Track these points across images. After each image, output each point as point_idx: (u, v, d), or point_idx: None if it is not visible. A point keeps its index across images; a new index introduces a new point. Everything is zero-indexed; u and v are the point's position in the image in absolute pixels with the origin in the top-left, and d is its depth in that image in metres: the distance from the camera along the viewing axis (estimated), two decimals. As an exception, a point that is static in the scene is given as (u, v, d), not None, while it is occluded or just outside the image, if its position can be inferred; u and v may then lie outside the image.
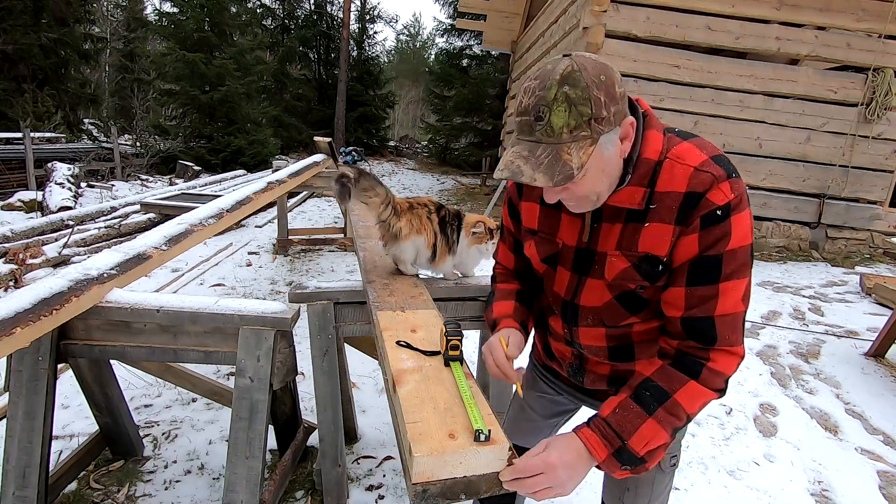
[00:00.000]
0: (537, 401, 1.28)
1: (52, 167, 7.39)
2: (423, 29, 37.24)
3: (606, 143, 0.81)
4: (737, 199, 0.83)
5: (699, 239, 0.84)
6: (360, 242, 2.04)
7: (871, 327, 3.93)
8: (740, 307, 0.86)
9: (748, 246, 0.85)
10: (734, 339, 0.86)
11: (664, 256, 0.87)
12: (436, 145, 18.79)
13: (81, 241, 5.05)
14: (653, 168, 0.87)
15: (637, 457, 0.84)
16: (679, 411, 0.84)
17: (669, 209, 0.85)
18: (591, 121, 0.78)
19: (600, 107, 0.77)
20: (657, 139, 0.88)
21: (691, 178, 0.84)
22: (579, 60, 0.79)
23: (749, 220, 0.84)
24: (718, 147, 0.90)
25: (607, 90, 0.78)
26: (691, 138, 0.90)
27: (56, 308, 1.34)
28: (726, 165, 0.85)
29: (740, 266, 0.84)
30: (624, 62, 6.00)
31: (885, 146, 6.33)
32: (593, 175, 0.83)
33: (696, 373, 0.85)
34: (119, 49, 19.22)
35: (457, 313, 1.87)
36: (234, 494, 1.55)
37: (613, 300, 0.95)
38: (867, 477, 2.26)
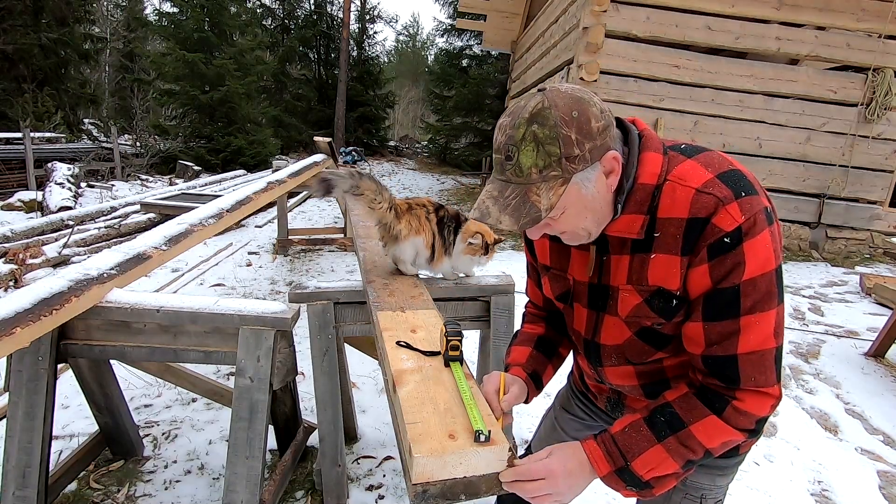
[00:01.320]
0: (569, 423, 1.21)
1: (52, 167, 7.39)
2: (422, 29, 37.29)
3: (583, 181, 0.77)
4: (749, 222, 0.72)
5: (710, 270, 0.75)
6: (360, 242, 2.04)
7: (871, 327, 3.93)
8: (770, 343, 0.76)
9: (771, 272, 0.74)
10: (763, 379, 0.76)
11: (677, 290, 0.79)
12: (436, 145, 18.79)
13: (81, 241, 5.05)
14: (651, 193, 0.79)
15: (641, 480, 0.79)
16: (693, 444, 0.78)
17: (674, 238, 0.78)
18: (562, 160, 0.74)
19: (571, 145, 0.73)
20: (655, 161, 0.80)
21: (693, 201, 0.75)
22: (551, 96, 0.74)
23: (769, 242, 0.74)
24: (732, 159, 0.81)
25: (580, 127, 0.74)
26: (698, 154, 0.81)
27: (56, 308, 1.34)
28: (736, 183, 0.75)
29: (764, 297, 0.74)
30: (624, 62, 6.00)
31: (885, 146, 6.33)
32: (574, 213, 0.79)
33: (720, 409, 0.77)
34: (119, 49, 19.22)
35: (457, 313, 1.87)
36: (234, 494, 1.55)
37: (634, 337, 0.88)
38: (867, 477, 2.26)
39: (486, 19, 11.25)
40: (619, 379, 0.97)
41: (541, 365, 1.06)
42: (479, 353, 2.14)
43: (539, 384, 1.05)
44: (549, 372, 1.08)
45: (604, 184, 0.79)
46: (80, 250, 4.87)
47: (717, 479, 0.96)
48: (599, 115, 0.75)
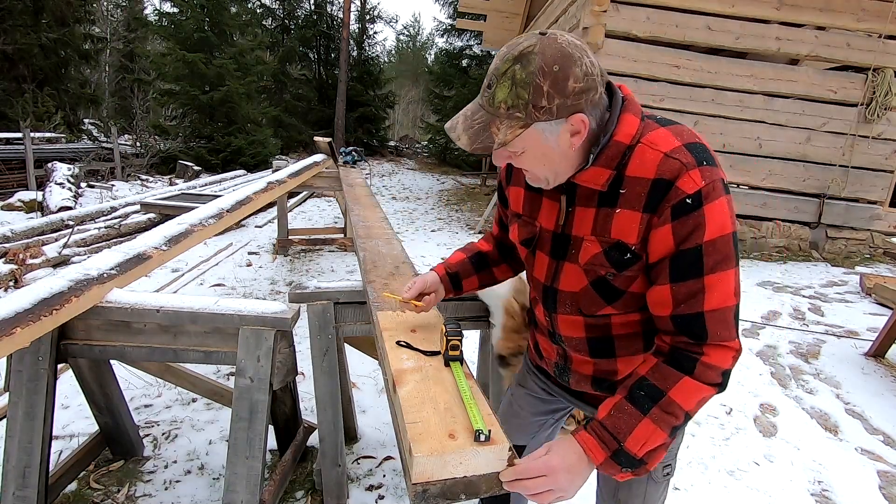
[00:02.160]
0: (525, 398, 1.30)
1: (52, 167, 7.40)
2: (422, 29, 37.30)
3: (545, 131, 0.81)
4: (709, 187, 0.79)
5: (672, 230, 0.81)
6: (360, 242, 2.04)
7: (871, 327, 3.93)
8: (731, 301, 0.82)
9: (729, 235, 0.81)
10: (727, 334, 0.83)
11: (633, 245, 0.85)
12: (436, 145, 18.79)
13: (81, 241, 5.05)
14: (623, 151, 0.85)
15: (636, 458, 0.82)
16: (675, 409, 0.82)
17: (638, 195, 0.83)
18: (528, 105, 0.78)
19: (540, 96, 0.77)
20: (632, 124, 0.85)
21: (660, 164, 0.81)
22: (544, 43, 0.77)
23: (726, 208, 0.81)
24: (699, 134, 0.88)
25: (555, 82, 0.77)
26: (670, 125, 0.87)
27: (56, 308, 1.34)
28: (699, 153, 0.82)
29: (724, 257, 0.81)
30: (624, 62, 6.00)
31: (885, 146, 6.33)
32: (532, 156, 0.85)
33: (690, 368, 0.83)
34: (119, 49, 19.21)
35: (457, 313, 1.87)
36: (234, 494, 1.55)
37: (589, 286, 0.94)
38: (867, 477, 2.26)
39: (486, 19, 11.25)
40: (569, 329, 1.03)
41: (466, 272, 1.22)
42: (479, 353, 2.14)
43: (458, 286, 1.21)
44: (471, 281, 1.23)
45: (567, 141, 0.83)
46: (80, 250, 4.87)
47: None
48: (581, 77, 0.78)
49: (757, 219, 6.59)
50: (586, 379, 1.08)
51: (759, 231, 6.60)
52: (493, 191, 10.09)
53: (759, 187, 6.47)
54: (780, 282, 5.31)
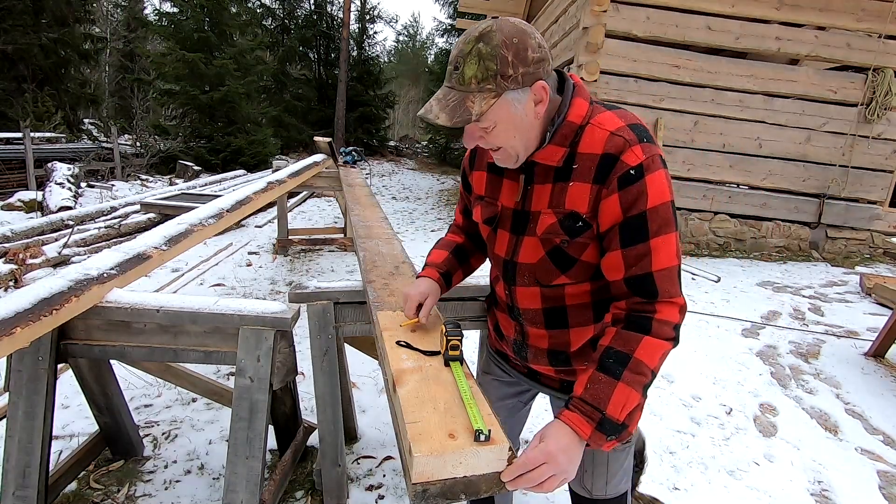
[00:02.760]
0: (491, 384, 1.35)
1: (52, 167, 7.39)
2: (422, 29, 37.28)
3: (513, 100, 0.89)
4: (648, 161, 0.89)
5: (619, 199, 0.90)
6: (360, 242, 2.04)
7: (871, 327, 3.93)
8: (674, 261, 0.91)
9: (668, 203, 0.91)
10: (673, 290, 0.92)
11: (585, 213, 0.94)
12: (436, 145, 18.79)
13: (81, 241, 5.05)
14: (575, 130, 0.95)
15: (619, 423, 0.87)
16: (643, 368, 0.88)
17: (588, 169, 0.93)
18: (497, 76, 0.86)
19: (506, 65, 0.86)
20: (582, 106, 0.95)
21: (607, 141, 0.91)
22: (500, 23, 0.87)
23: (664, 179, 0.91)
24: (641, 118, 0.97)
25: (517, 52, 0.86)
26: (615, 109, 0.97)
27: (56, 308, 1.34)
28: (640, 132, 0.92)
29: (665, 222, 0.90)
30: (624, 62, 6.00)
31: (885, 146, 6.33)
32: (503, 129, 0.92)
33: (647, 328, 0.90)
34: (119, 49, 19.22)
35: (457, 313, 1.87)
36: (234, 494, 1.55)
37: (545, 256, 1.01)
38: (867, 477, 2.26)
39: (486, 19, 11.25)
40: (526, 301, 1.09)
41: (453, 268, 1.27)
42: (479, 353, 2.14)
43: (449, 284, 1.26)
44: (458, 274, 1.29)
45: (532, 110, 0.92)
46: (80, 250, 4.87)
47: None
48: (537, 48, 0.88)
49: (757, 219, 6.59)
50: (542, 353, 1.13)
51: (759, 231, 6.61)
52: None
53: (759, 187, 6.47)
54: (780, 282, 5.31)
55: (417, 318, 1.15)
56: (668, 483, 2.15)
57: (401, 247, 2.02)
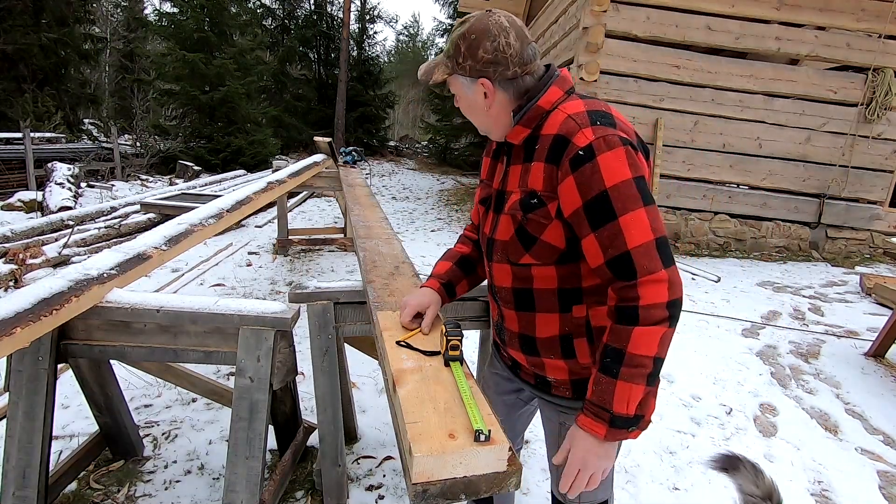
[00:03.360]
0: (492, 377, 1.38)
1: (52, 167, 7.39)
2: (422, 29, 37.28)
3: (463, 83, 1.04)
4: (599, 141, 0.90)
5: (575, 181, 0.92)
6: (360, 242, 2.04)
7: (871, 327, 3.93)
8: (649, 235, 0.89)
9: (630, 180, 0.90)
10: (653, 265, 0.89)
11: (540, 191, 0.99)
12: (436, 145, 18.78)
13: (81, 241, 5.05)
14: (541, 115, 1.01)
15: (630, 417, 0.91)
16: (639, 360, 0.89)
17: (543, 149, 0.98)
18: (451, 58, 1.03)
19: (458, 54, 1.01)
20: (555, 93, 1.01)
21: (562, 123, 0.96)
22: (478, 18, 1.00)
23: (622, 157, 0.90)
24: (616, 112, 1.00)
25: (469, 47, 0.99)
26: (590, 99, 1.01)
27: (56, 308, 1.34)
28: (598, 117, 0.94)
29: (630, 198, 0.89)
30: (624, 62, 6.00)
31: (885, 146, 6.33)
32: (464, 106, 1.09)
33: (634, 318, 0.89)
34: (119, 49, 19.21)
35: (457, 313, 1.87)
36: (234, 494, 1.55)
37: (514, 234, 1.05)
38: (867, 477, 2.26)
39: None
40: (501, 278, 1.13)
41: (457, 278, 1.29)
42: (479, 353, 2.14)
43: (452, 294, 1.27)
44: (463, 285, 1.30)
45: (482, 100, 1.04)
46: (80, 250, 4.87)
47: None
48: (489, 51, 0.98)
49: (757, 219, 6.59)
50: (515, 337, 1.16)
51: (759, 231, 6.61)
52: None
53: (759, 187, 6.47)
54: (780, 282, 5.31)
55: (414, 327, 1.16)
56: (668, 483, 2.15)
57: (401, 247, 2.02)
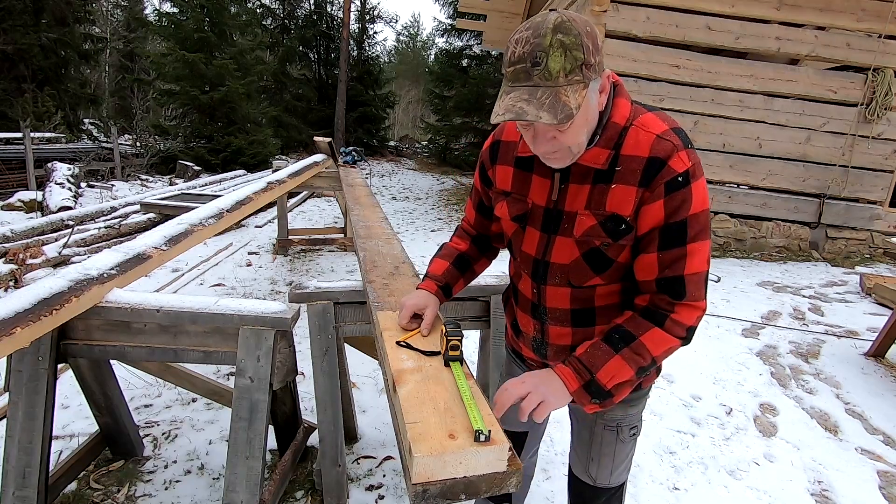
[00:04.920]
0: None
1: (52, 167, 7.39)
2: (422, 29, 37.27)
3: (593, 89, 0.87)
4: (694, 167, 0.91)
5: (664, 204, 0.91)
6: (360, 242, 2.04)
7: (871, 327, 3.93)
8: (705, 267, 0.94)
9: (707, 210, 0.93)
10: (698, 294, 0.95)
11: (628, 216, 0.94)
12: (436, 145, 18.77)
13: (81, 241, 5.05)
14: (619, 132, 0.93)
15: (604, 390, 0.95)
16: (643, 352, 0.94)
17: (633, 172, 0.91)
18: (583, 66, 0.82)
19: (590, 53, 0.83)
20: (626, 106, 0.95)
21: (654, 144, 0.90)
22: (567, 14, 0.83)
23: (705, 188, 0.93)
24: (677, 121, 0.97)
25: (594, 40, 0.84)
26: (655, 110, 0.96)
27: (56, 308, 1.34)
28: (684, 137, 0.93)
29: (703, 229, 0.92)
30: (624, 62, 6.00)
31: (885, 146, 6.33)
32: (580, 123, 0.88)
33: (661, 322, 0.94)
34: (119, 49, 19.22)
35: (457, 313, 1.88)
36: (234, 494, 1.55)
37: (581, 257, 1.00)
38: (867, 477, 2.26)
39: (486, 19, 11.25)
40: (555, 301, 1.09)
41: (454, 279, 1.26)
42: (479, 353, 2.14)
43: (449, 294, 1.25)
44: (459, 284, 1.28)
45: (598, 100, 0.90)
46: (80, 250, 4.87)
47: (628, 410, 1.16)
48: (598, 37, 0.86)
49: (757, 219, 6.59)
50: (564, 350, 1.13)
51: (759, 231, 6.60)
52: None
53: (759, 187, 6.47)
54: (780, 282, 5.31)
55: (413, 328, 1.14)
56: (668, 483, 2.15)
57: (401, 247, 2.02)
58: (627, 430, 1.18)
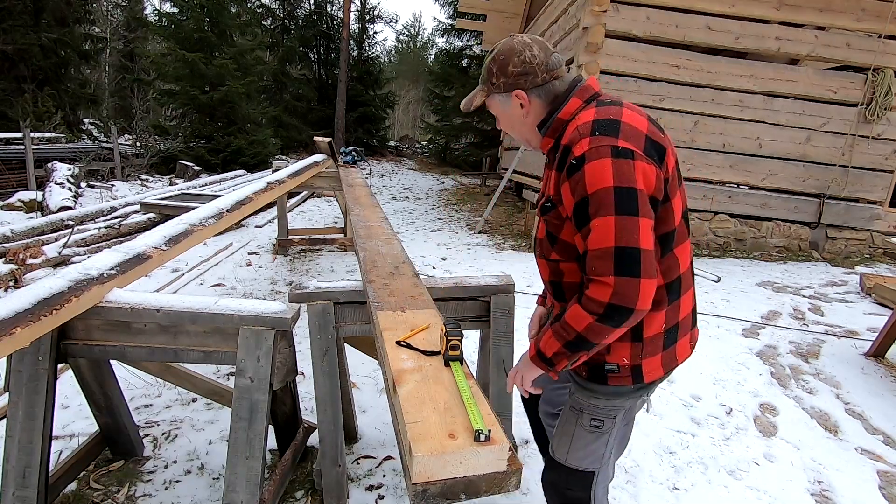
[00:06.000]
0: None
1: (52, 167, 7.39)
2: (423, 29, 37.24)
3: (501, 100, 1.19)
4: (591, 151, 1.00)
5: (570, 186, 1.04)
6: (360, 242, 2.04)
7: (871, 327, 3.93)
8: (609, 243, 0.98)
9: (610, 188, 0.98)
10: (604, 270, 0.99)
11: (553, 195, 1.12)
12: (436, 145, 18.79)
13: (81, 241, 5.05)
14: (562, 125, 1.12)
15: (547, 357, 1.12)
16: (567, 328, 1.06)
17: (559, 158, 1.09)
18: (487, 81, 1.19)
19: (491, 75, 1.18)
20: (574, 104, 1.12)
21: (571, 134, 1.06)
22: (505, 41, 1.15)
23: (606, 167, 0.99)
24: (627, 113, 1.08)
25: (501, 66, 1.15)
26: (606, 106, 1.09)
27: (56, 308, 1.34)
28: (599, 126, 1.03)
29: (605, 205, 0.98)
30: (624, 62, 6.00)
31: (885, 146, 6.33)
32: (504, 122, 1.24)
33: (580, 298, 1.04)
34: (119, 49, 19.22)
35: (457, 313, 1.88)
36: (234, 494, 1.55)
37: (545, 231, 1.20)
38: (867, 477, 2.26)
39: (486, 19, 11.26)
40: (543, 272, 1.29)
41: None
42: (479, 353, 2.14)
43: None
44: None
45: (518, 111, 1.18)
46: (80, 250, 4.87)
47: (590, 399, 1.24)
48: (518, 64, 1.13)
49: (757, 219, 6.59)
50: None
51: (759, 231, 6.61)
52: (492, 191, 10.06)
53: (759, 187, 6.47)
54: (780, 282, 5.31)
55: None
56: (668, 483, 2.15)
57: (401, 247, 2.02)
58: (588, 418, 1.25)
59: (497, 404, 1.97)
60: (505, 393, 1.99)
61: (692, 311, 1.22)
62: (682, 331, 1.19)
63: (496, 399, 1.97)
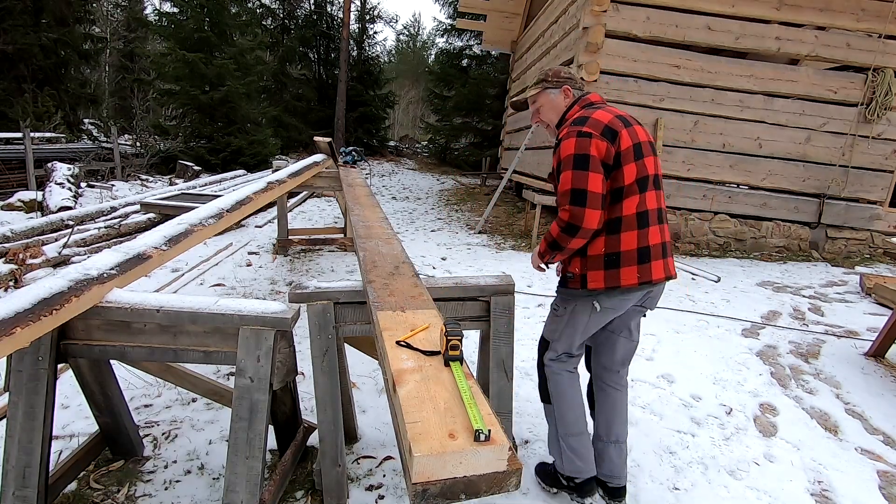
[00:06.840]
0: None
1: (52, 167, 7.39)
2: (423, 29, 37.22)
3: (550, 93, 1.87)
4: (564, 134, 1.70)
5: (554, 156, 1.74)
6: (360, 242, 2.04)
7: (871, 327, 3.93)
8: (567, 186, 1.63)
9: (570, 156, 1.64)
10: (563, 202, 1.65)
11: (554, 165, 1.75)
12: (436, 145, 18.78)
13: (81, 241, 5.05)
14: (565, 121, 1.81)
15: (541, 252, 1.81)
16: (548, 235, 1.73)
17: (555, 142, 1.77)
18: (542, 82, 1.89)
19: (548, 77, 1.88)
20: (574, 111, 1.80)
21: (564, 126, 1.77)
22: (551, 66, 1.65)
23: (571, 143, 1.65)
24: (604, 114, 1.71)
25: (555, 73, 1.88)
26: (584, 108, 1.79)
27: (56, 308, 1.34)
28: (574, 122, 1.70)
29: (566, 164, 1.65)
30: (624, 62, 6.00)
31: (885, 146, 6.33)
32: (546, 109, 1.89)
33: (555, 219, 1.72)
34: (119, 49, 19.22)
35: (457, 313, 1.88)
36: (234, 494, 1.55)
37: (553, 188, 1.78)
38: (867, 477, 2.26)
39: (486, 19, 11.26)
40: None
41: None
42: (479, 353, 2.14)
43: None
44: None
45: (561, 99, 1.86)
46: (80, 250, 4.87)
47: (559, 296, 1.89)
48: (562, 74, 1.87)
49: (757, 219, 6.59)
50: None
51: (759, 231, 6.61)
52: (492, 191, 10.06)
53: (759, 187, 6.48)
54: (780, 282, 5.31)
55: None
56: (668, 483, 2.15)
57: (401, 247, 2.02)
58: (554, 306, 1.92)
59: (497, 404, 1.97)
60: (505, 393, 1.99)
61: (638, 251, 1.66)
62: (626, 261, 1.66)
63: (496, 399, 1.97)
